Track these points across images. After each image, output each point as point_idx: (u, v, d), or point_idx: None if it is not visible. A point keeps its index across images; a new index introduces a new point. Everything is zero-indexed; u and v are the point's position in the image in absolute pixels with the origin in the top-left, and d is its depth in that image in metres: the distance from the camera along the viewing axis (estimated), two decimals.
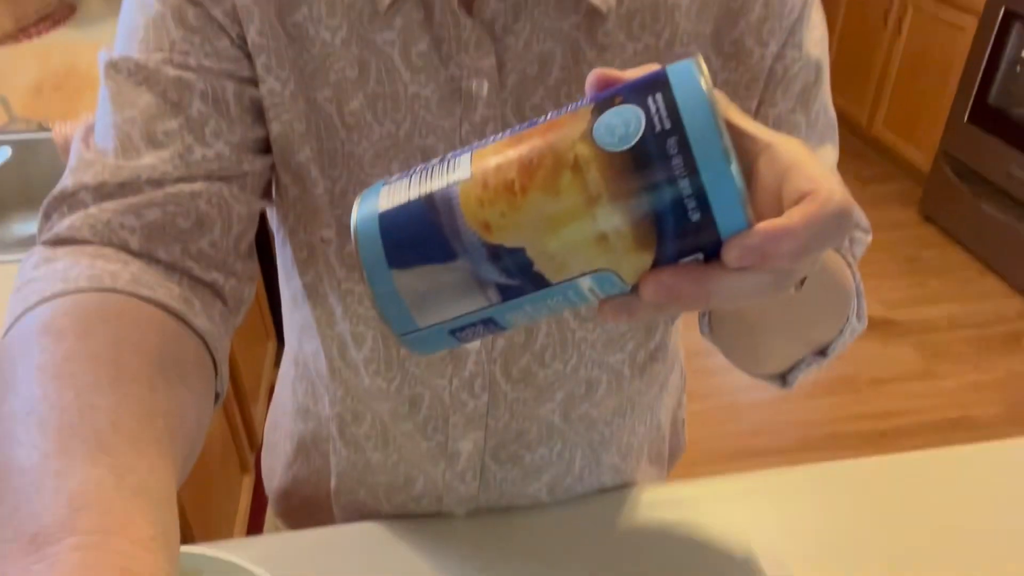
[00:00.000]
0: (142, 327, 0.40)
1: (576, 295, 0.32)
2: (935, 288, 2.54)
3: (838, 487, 0.64)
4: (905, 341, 2.32)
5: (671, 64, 0.31)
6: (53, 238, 0.44)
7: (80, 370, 0.35)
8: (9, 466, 0.31)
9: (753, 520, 0.61)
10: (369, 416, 0.62)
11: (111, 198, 0.44)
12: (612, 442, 0.65)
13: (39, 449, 0.31)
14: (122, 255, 0.44)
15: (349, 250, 0.54)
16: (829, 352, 0.55)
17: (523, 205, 0.30)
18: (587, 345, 0.58)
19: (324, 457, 0.67)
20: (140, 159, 0.45)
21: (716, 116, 0.29)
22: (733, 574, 0.56)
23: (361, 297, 0.56)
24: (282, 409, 0.71)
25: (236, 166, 0.48)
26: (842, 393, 2.13)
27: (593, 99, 0.32)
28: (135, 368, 0.37)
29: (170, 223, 0.45)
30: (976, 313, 2.42)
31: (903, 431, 2.01)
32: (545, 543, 0.60)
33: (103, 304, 0.40)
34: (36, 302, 0.39)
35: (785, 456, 1.93)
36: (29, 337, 0.37)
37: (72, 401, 0.33)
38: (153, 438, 0.34)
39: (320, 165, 0.51)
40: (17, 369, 0.35)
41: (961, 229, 2.71)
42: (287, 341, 0.69)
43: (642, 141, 0.29)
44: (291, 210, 0.54)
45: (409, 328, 0.33)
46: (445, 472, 0.62)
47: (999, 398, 2.11)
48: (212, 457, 1.44)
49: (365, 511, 0.67)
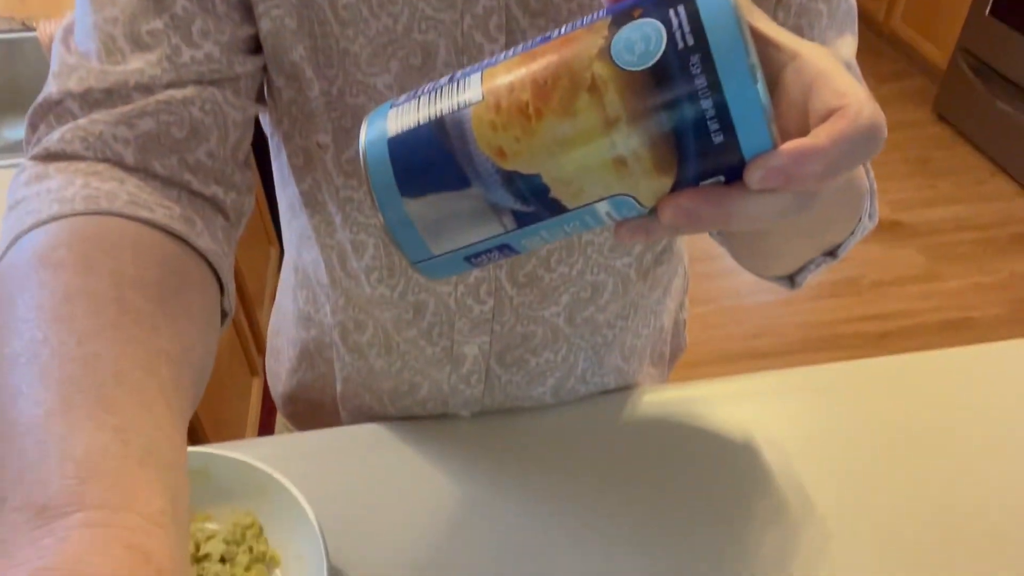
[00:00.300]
0: (143, 257, 0.39)
1: (593, 219, 0.31)
2: (944, 189, 2.51)
3: (838, 388, 0.65)
4: (911, 243, 2.31)
5: None
6: (43, 152, 0.42)
7: (81, 312, 0.34)
8: (12, 421, 0.31)
9: (754, 420, 0.62)
10: (371, 324, 0.62)
11: (100, 107, 0.43)
12: (615, 345, 0.66)
13: (42, 405, 0.30)
14: (117, 171, 0.42)
15: (348, 156, 0.52)
16: (839, 252, 0.55)
17: (538, 129, 0.29)
18: (593, 249, 0.58)
19: (328, 363, 0.68)
20: (126, 63, 0.43)
21: (743, 31, 0.27)
22: (734, 473, 0.58)
23: (361, 204, 0.55)
24: (284, 316, 0.72)
25: (227, 68, 0.46)
26: (845, 295, 2.14)
27: (610, 11, 0.29)
28: (137, 307, 0.36)
29: (164, 133, 0.43)
30: (984, 214, 2.40)
31: (904, 333, 2.03)
32: (549, 443, 0.61)
33: (101, 231, 0.38)
34: (31, 225, 0.38)
35: (786, 358, 1.96)
36: (27, 269, 0.36)
37: (74, 348, 0.32)
38: (158, 388, 0.34)
39: (314, 64, 0.49)
40: (16, 307, 0.35)
41: (974, 128, 2.65)
42: (286, 249, 0.68)
43: (663, 59, 0.27)
44: (285, 114, 0.52)
45: (423, 256, 0.33)
46: (450, 376, 0.63)
47: (1002, 299, 2.12)
48: (221, 361, 1.47)
49: (371, 415, 0.68)
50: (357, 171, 0.52)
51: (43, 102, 0.43)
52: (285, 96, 0.51)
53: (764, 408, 0.63)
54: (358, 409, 0.68)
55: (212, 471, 0.54)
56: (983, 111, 2.58)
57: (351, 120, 0.51)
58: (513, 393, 0.65)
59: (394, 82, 0.49)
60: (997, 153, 2.57)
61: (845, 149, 0.29)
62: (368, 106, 0.49)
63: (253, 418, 1.65)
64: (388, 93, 0.49)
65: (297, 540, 0.50)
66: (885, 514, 0.55)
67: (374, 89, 0.49)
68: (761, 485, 0.56)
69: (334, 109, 0.50)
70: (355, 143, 0.50)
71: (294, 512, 0.50)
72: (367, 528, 0.55)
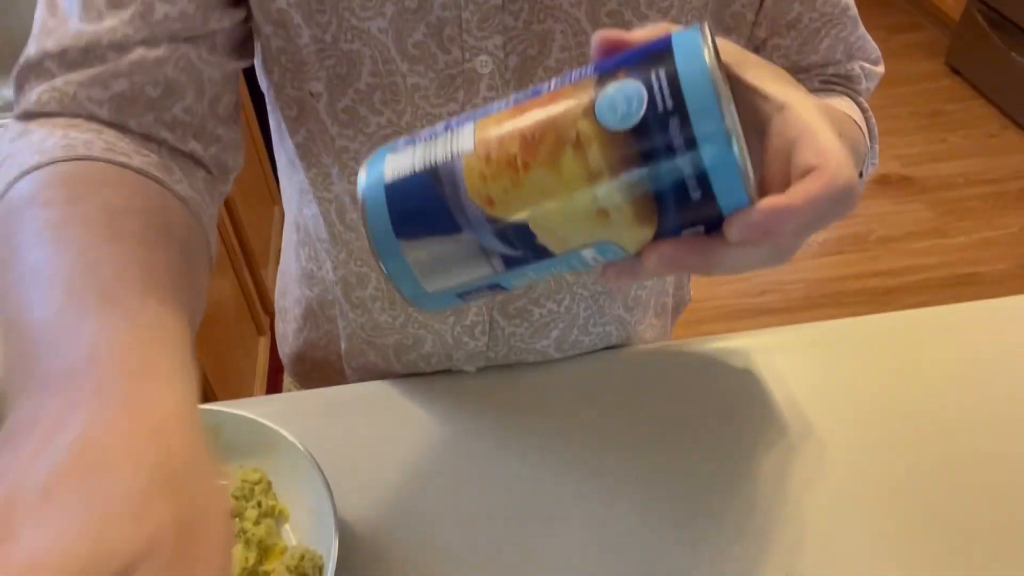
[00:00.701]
0: (126, 191, 0.40)
1: (579, 262, 0.33)
2: (954, 143, 2.48)
3: (843, 343, 0.65)
4: (919, 198, 2.29)
5: (677, 32, 0.31)
6: (23, 113, 0.44)
7: (77, 232, 0.36)
8: (25, 327, 0.32)
9: (757, 377, 0.62)
10: (374, 278, 0.62)
11: (76, 67, 0.43)
12: (618, 294, 0.66)
13: (51, 307, 0.32)
14: (93, 124, 0.43)
15: (343, 105, 0.52)
16: None
17: (525, 181, 0.31)
18: None
19: (332, 321, 0.68)
20: (101, 22, 0.43)
21: (720, 95, 0.28)
22: (737, 428, 0.58)
23: (357, 154, 0.54)
24: (288, 275, 0.72)
25: (202, 25, 0.46)
26: (851, 251, 2.13)
27: (598, 68, 0.31)
28: (129, 229, 0.37)
29: (139, 93, 0.44)
30: (994, 168, 2.37)
31: (910, 288, 2.03)
32: (553, 398, 0.61)
33: (84, 171, 0.40)
34: (16, 176, 0.39)
35: (791, 315, 1.96)
36: (20, 211, 0.38)
37: (75, 259, 0.34)
38: (158, 286, 0.35)
39: (304, 11, 0.48)
40: (16, 242, 0.36)
41: (987, 81, 2.61)
42: (286, 208, 0.68)
43: (644, 120, 0.29)
44: (276, 64, 0.52)
45: (417, 292, 0.35)
46: (454, 328, 0.63)
47: (1009, 254, 2.11)
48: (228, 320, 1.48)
49: (377, 372, 0.69)
50: (353, 120, 0.52)
51: (24, 63, 0.44)
52: (274, 45, 0.51)
53: (769, 365, 0.63)
54: (363, 367, 0.69)
55: (222, 429, 0.55)
56: (997, 63, 2.52)
57: (346, 67, 0.50)
58: (517, 345, 0.65)
59: (388, 26, 0.48)
60: (1010, 106, 2.53)
61: (818, 210, 0.31)
62: (363, 51, 0.49)
63: (260, 376, 1.67)
64: (382, 38, 0.49)
65: (305, 495, 0.51)
66: (890, 468, 0.55)
67: (368, 34, 0.49)
68: (764, 440, 0.57)
69: (329, 56, 0.50)
70: (349, 91, 0.51)
71: (302, 468, 0.51)
72: (374, 482, 0.55)
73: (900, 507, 0.53)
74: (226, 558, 0.27)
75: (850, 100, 0.57)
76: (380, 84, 0.51)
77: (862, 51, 0.59)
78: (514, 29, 0.49)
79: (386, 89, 0.51)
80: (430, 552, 0.51)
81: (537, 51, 0.50)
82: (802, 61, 0.58)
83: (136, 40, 0.44)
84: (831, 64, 0.58)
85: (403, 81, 0.50)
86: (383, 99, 0.51)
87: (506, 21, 0.48)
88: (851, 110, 0.55)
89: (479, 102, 0.51)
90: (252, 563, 0.48)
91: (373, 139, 0.53)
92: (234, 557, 0.48)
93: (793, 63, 0.58)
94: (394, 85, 0.51)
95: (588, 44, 0.50)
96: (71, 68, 0.43)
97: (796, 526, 0.52)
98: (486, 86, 0.51)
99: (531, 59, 0.50)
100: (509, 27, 0.49)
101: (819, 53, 0.57)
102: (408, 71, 0.50)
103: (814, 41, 0.57)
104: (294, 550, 0.49)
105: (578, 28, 0.50)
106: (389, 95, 0.51)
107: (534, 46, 0.50)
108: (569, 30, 0.50)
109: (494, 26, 0.48)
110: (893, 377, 0.62)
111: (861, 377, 0.62)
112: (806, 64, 0.58)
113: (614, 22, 0.50)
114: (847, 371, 0.62)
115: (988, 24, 2.53)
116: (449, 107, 0.51)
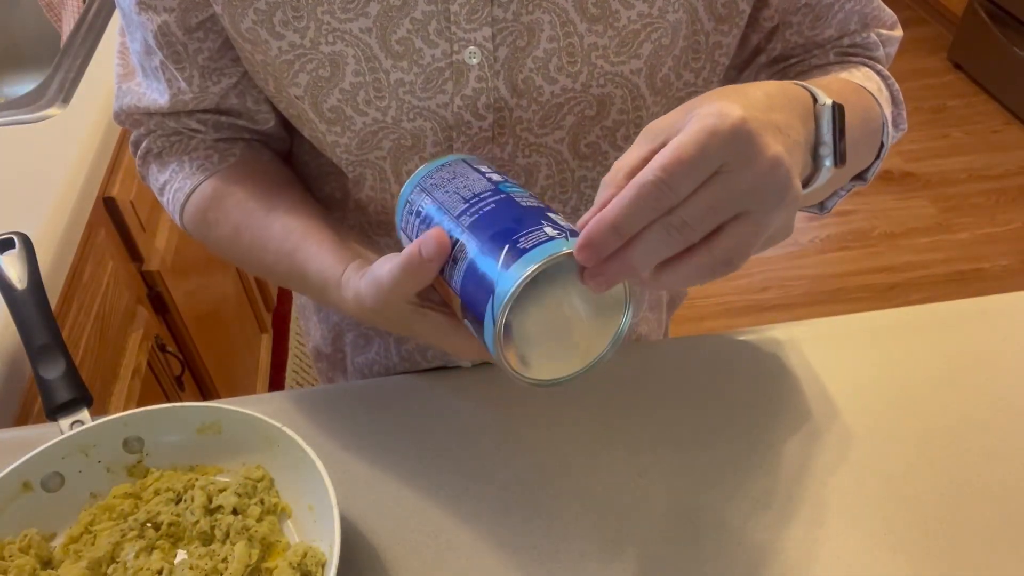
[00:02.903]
0: (259, 172, 0.59)
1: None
2: (958, 139, 2.47)
3: (844, 340, 0.65)
4: (922, 194, 2.28)
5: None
6: (143, 155, 0.63)
7: (252, 206, 0.57)
8: (285, 260, 0.54)
9: (758, 374, 0.62)
10: None
11: (169, 117, 0.60)
12: None
13: (284, 248, 0.54)
14: (198, 154, 0.61)
15: (330, 104, 0.53)
16: (868, 176, 0.57)
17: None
18: (586, 185, 0.59)
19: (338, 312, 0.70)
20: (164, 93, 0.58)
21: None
22: (736, 425, 0.58)
23: (348, 148, 0.56)
24: None
25: (240, 103, 0.59)
26: (854, 247, 2.13)
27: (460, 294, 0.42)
28: (280, 196, 0.58)
29: (218, 121, 0.60)
30: (997, 164, 2.37)
31: (912, 285, 2.03)
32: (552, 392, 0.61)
33: (224, 179, 0.59)
34: (184, 201, 0.60)
35: (793, 311, 1.96)
36: (204, 217, 0.59)
37: (266, 216, 0.56)
38: (309, 206, 0.58)
39: (267, 27, 0.50)
40: (219, 232, 0.59)
41: (990, 77, 2.60)
42: None
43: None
44: (260, 70, 0.54)
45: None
46: None
47: (1012, 250, 2.10)
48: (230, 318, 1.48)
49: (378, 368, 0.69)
50: (339, 119, 0.55)
51: (118, 112, 0.62)
52: (257, 58, 0.53)
53: (769, 361, 0.63)
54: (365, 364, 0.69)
55: (224, 426, 0.55)
56: (1000, 59, 2.52)
57: (328, 69, 0.51)
58: None
59: (373, 25, 0.49)
60: (1012, 101, 2.52)
61: (696, 156, 0.33)
62: (346, 52, 0.50)
63: (263, 374, 1.67)
64: (365, 37, 0.50)
65: (307, 492, 0.51)
66: (892, 465, 0.55)
67: (350, 35, 0.49)
68: (765, 436, 0.57)
69: (309, 60, 0.51)
70: (334, 92, 0.54)
71: (304, 465, 0.51)
72: (376, 479, 0.56)
73: (901, 503, 0.53)
74: None
75: (868, 69, 0.57)
76: (364, 83, 0.52)
77: (878, 19, 0.59)
78: (503, 21, 0.49)
79: (370, 87, 0.52)
80: (432, 548, 0.52)
81: (526, 42, 0.50)
82: (817, 36, 0.57)
83: (188, 110, 0.60)
84: (846, 35, 0.58)
85: (386, 77, 0.51)
86: (366, 98, 0.52)
87: (495, 13, 0.49)
88: (866, 80, 0.55)
89: (469, 93, 0.52)
90: (255, 560, 0.48)
91: (361, 135, 0.54)
92: (236, 554, 0.48)
93: (807, 39, 0.57)
94: (377, 82, 0.51)
95: (576, 33, 0.50)
96: (166, 117, 0.60)
97: (796, 524, 0.52)
98: (475, 77, 0.51)
99: (520, 50, 0.51)
100: (498, 19, 0.49)
101: (833, 27, 0.57)
102: (392, 67, 0.51)
103: (828, 15, 0.56)
104: (296, 547, 0.49)
105: (566, 18, 0.50)
106: (373, 93, 0.52)
107: (523, 37, 0.50)
108: (557, 20, 0.50)
109: (483, 18, 0.49)
110: (895, 373, 0.62)
111: (864, 373, 0.62)
112: (821, 39, 0.58)
113: (601, 11, 0.50)
114: (850, 367, 0.62)
115: (991, 19, 2.52)
116: (438, 99, 0.52)
